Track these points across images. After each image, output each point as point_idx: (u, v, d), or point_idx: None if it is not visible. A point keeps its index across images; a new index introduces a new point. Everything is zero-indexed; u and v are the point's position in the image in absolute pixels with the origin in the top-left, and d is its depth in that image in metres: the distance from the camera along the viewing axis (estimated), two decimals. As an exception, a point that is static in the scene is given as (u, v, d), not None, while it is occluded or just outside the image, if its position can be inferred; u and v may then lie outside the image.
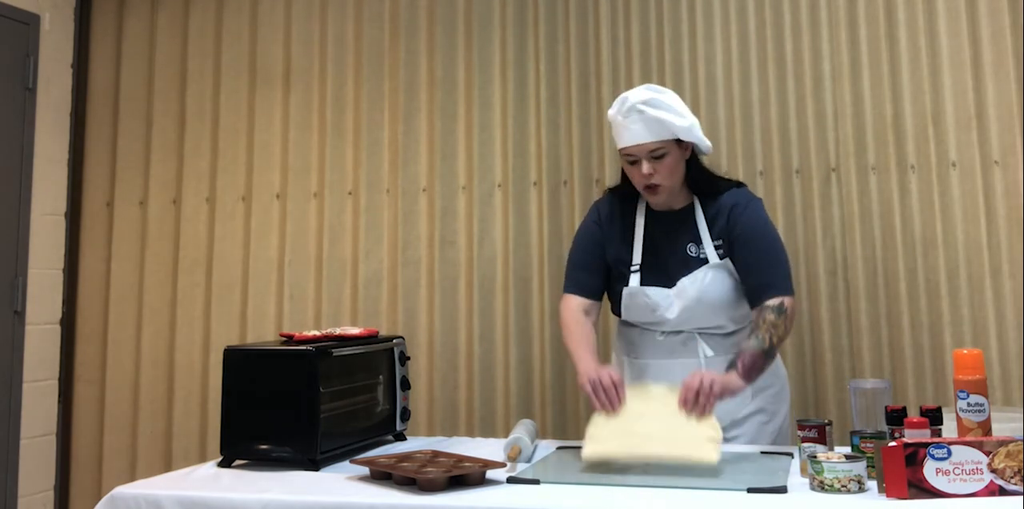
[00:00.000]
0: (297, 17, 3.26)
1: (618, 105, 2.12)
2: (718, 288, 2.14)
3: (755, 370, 1.98)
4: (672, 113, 2.08)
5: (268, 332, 3.15)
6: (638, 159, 2.10)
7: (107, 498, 1.76)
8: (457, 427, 2.97)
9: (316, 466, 1.95)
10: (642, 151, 2.09)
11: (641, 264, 2.18)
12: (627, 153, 2.12)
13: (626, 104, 2.09)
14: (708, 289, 2.13)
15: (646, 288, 2.16)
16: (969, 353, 1.75)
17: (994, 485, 1.53)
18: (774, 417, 2.23)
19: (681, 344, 2.19)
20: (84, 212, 3.38)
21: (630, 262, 2.19)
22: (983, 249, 2.66)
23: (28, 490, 3.12)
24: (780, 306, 2.04)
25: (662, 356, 2.20)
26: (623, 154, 2.14)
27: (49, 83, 3.29)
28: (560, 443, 2.24)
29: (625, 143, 2.11)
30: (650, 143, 2.08)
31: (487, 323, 2.99)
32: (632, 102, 2.08)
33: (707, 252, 2.16)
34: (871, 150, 2.77)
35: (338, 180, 3.17)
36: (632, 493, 1.65)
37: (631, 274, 2.18)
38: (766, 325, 2.02)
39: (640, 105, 2.07)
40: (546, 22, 3.05)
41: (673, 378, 2.16)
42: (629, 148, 2.10)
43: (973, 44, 2.73)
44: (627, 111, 2.09)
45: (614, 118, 2.13)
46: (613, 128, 2.16)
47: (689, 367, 2.16)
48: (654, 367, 2.21)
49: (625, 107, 2.09)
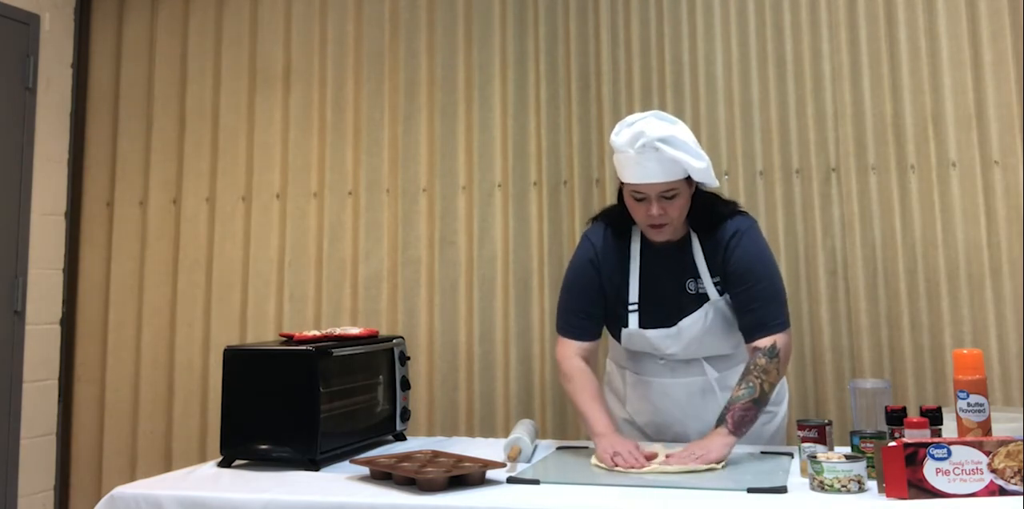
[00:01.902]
0: (297, 17, 3.26)
1: (629, 137, 1.96)
2: (720, 325, 2.09)
3: (746, 423, 1.92)
4: (690, 155, 1.95)
5: (268, 332, 3.15)
6: (647, 197, 1.98)
7: (107, 498, 1.76)
8: (457, 427, 2.96)
9: (316, 466, 1.95)
10: (653, 191, 1.97)
11: (639, 302, 2.10)
12: (636, 190, 1.99)
13: (641, 140, 1.93)
14: (711, 328, 2.08)
15: (646, 331, 2.09)
16: (969, 353, 1.75)
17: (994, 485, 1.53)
18: (773, 418, 2.23)
19: (684, 364, 2.16)
20: (84, 212, 3.38)
21: (627, 300, 2.11)
22: (983, 249, 2.66)
23: (28, 490, 3.12)
24: (772, 348, 1.98)
25: (665, 375, 2.17)
26: (630, 190, 2.00)
27: (49, 83, 3.29)
28: (560, 443, 2.24)
29: (636, 180, 1.97)
30: (663, 183, 1.96)
31: (487, 323, 2.99)
32: (650, 138, 1.93)
33: (707, 288, 2.08)
34: (871, 150, 2.77)
35: (338, 180, 3.17)
36: (632, 493, 1.65)
37: (629, 314, 2.10)
38: (757, 371, 1.96)
39: (658, 142, 1.93)
40: (546, 22, 3.05)
41: (677, 397, 2.16)
42: (640, 186, 1.97)
43: (973, 44, 2.73)
44: (642, 147, 1.94)
45: (623, 150, 1.97)
46: (620, 159, 2.00)
47: (692, 386, 2.14)
48: (657, 385, 2.18)
49: (639, 143, 1.94)
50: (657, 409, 2.19)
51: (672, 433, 2.17)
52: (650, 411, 2.20)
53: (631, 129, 1.98)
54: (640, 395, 2.21)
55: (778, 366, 1.99)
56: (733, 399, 1.94)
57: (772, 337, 2.00)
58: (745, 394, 1.94)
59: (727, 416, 1.92)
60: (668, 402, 2.17)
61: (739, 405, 1.92)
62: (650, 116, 2.01)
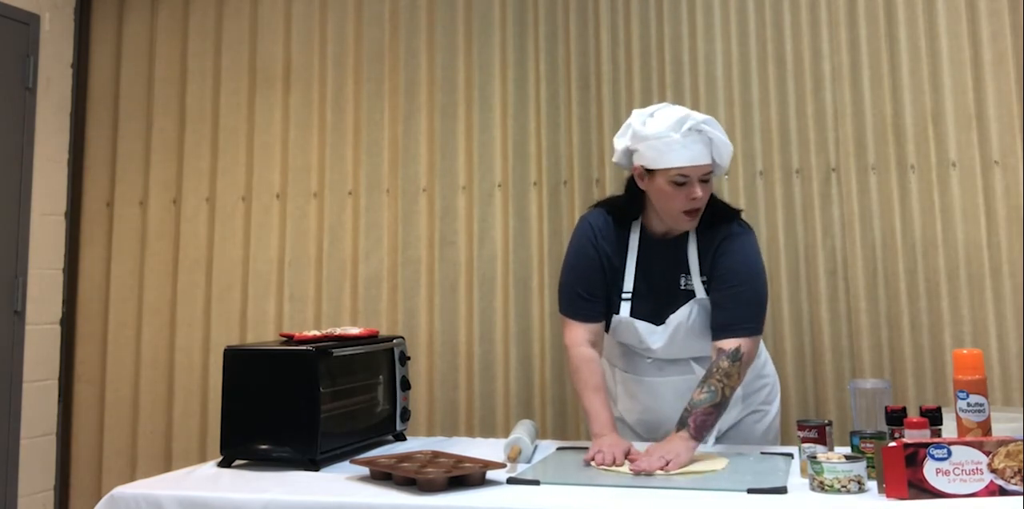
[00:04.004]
0: (297, 17, 3.26)
1: (673, 121, 1.98)
2: (702, 324, 2.09)
3: (707, 427, 1.93)
4: (725, 137, 2.02)
5: (268, 332, 3.15)
6: (689, 180, 1.98)
7: (107, 498, 1.76)
8: (457, 427, 2.96)
9: (316, 466, 1.95)
10: (698, 172, 1.98)
11: (633, 292, 2.12)
12: (681, 173, 1.97)
13: (688, 123, 1.97)
14: (695, 325, 2.09)
15: (635, 321, 2.11)
16: (969, 353, 1.75)
17: (994, 485, 1.53)
18: (766, 416, 2.24)
19: (671, 363, 2.17)
20: (84, 212, 3.38)
21: (622, 288, 2.13)
22: (983, 249, 2.66)
23: (28, 490, 3.12)
24: (736, 352, 1.98)
25: (653, 374, 2.18)
26: (674, 174, 1.98)
27: (49, 83, 3.29)
28: (560, 443, 2.24)
29: (684, 162, 1.97)
30: (707, 165, 2.00)
31: (487, 323, 2.99)
32: (696, 120, 1.98)
33: (694, 285, 2.09)
34: (871, 150, 2.77)
35: (338, 180, 3.17)
36: (632, 493, 1.65)
37: (622, 302, 2.12)
38: (719, 374, 1.96)
39: (701, 124, 1.98)
40: (546, 22, 3.05)
41: (665, 396, 2.17)
42: (686, 168, 1.97)
43: (973, 44, 2.73)
44: (688, 130, 1.97)
45: (665, 135, 1.98)
46: (658, 145, 1.98)
47: (680, 384, 2.14)
48: (646, 384, 2.19)
49: (686, 126, 1.97)
50: (646, 407, 2.20)
51: (662, 432, 2.17)
52: (639, 410, 2.21)
53: (667, 114, 2.01)
54: (630, 394, 2.22)
55: (739, 370, 1.98)
56: (695, 403, 1.94)
57: (738, 340, 1.99)
58: (707, 398, 1.93)
59: (689, 420, 1.92)
60: (657, 401, 2.17)
61: (700, 410, 1.92)
62: (667, 105, 2.06)
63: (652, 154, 2.00)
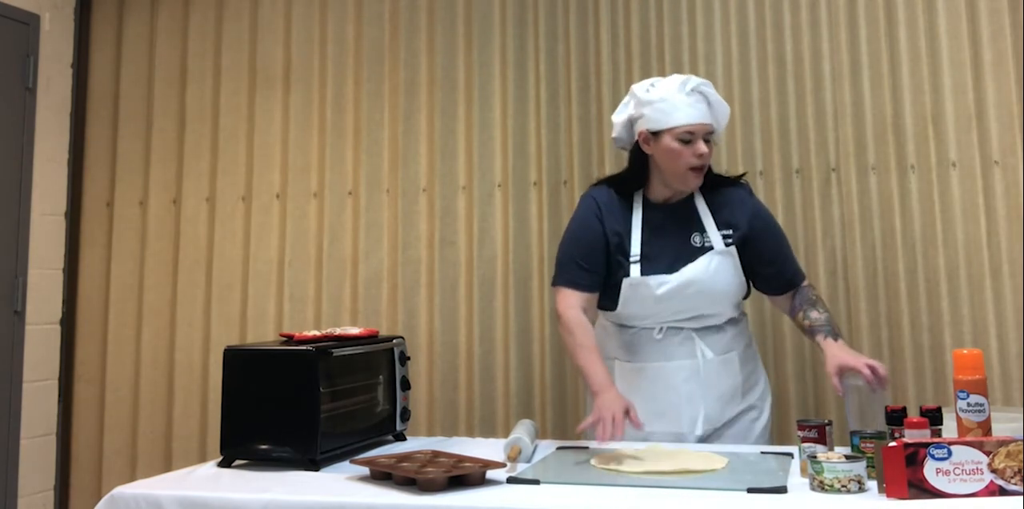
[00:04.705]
0: (297, 18, 3.26)
1: (677, 84, 2.12)
2: (723, 276, 2.15)
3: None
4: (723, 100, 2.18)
5: (268, 332, 3.15)
6: (694, 138, 2.11)
7: (107, 498, 1.76)
8: (457, 427, 2.96)
9: (316, 466, 1.95)
10: (702, 130, 2.11)
11: (641, 255, 2.17)
12: (687, 131, 2.10)
13: (690, 84, 2.12)
14: (714, 277, 2.14)
15: (648, 278, 2.15)
16: (969, 353, 1.75)
17: (994, 485, 1.53)
18: (762, 414, 2.25)
19: (679, 345, 2.19)
20: (84, 212, 3.38)
21: (629, 253, 2.18)
22: (983, 249, 2.66)
23: (28, 490, 3.12)
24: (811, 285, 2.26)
25: (659, 358, 2.19)
26: (680, 132, 2.10)
27: (49, 83, 3.29)
28: (560, 443, 2.24)
29: (689, 120, 2.10)
30: (710, 124, 2.13)
31: (487, 323, 2.99)
32: (697, 82, 2.13)
33: (712, 240, 2.17)
34: (871, 150, 2.77)
35: (338, 180, 3.17)
36: (632, 493, 1.65)
37: (631, 264, 2.17)
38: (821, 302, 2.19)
39: (703, 86, 2.14)
40: (546, 22, 3.05)
41: (671, 381, 2.17)
42: (692, 126, 2.10)
43: (973, 44, 2.73)
44: (691, 91, 2.12)
45: (670, 96, 2.11)
46: (664, 106, 2.12)
47: (686, 369, 2.16)
48: (651, 370, 2.20)
49: (688, 87, 2.12)
50: (650, 396, 2.19)
51: (665, 420, 2.17)
52: (643, 400, 2.19)
53: (669, 80, 2.16)
54: (633, 385, 2.21)
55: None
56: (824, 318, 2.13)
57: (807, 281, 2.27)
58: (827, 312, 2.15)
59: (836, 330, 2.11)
60: (662, 387, 2.18)
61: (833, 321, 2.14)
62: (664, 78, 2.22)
63: (658, 116, 2.12)
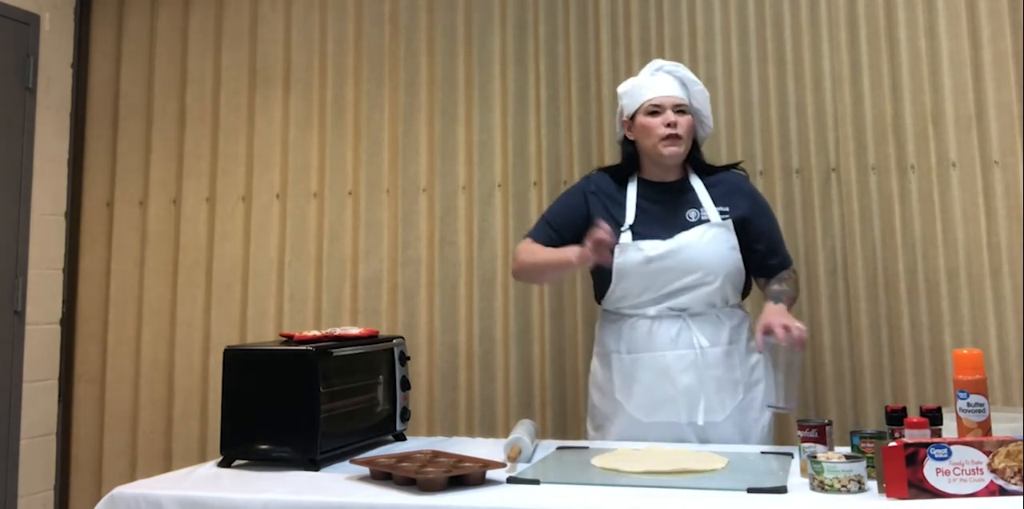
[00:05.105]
0: (297, 17, 3.26)
1: (647, 69, 2.30)
2: (718, 247, 2.18)
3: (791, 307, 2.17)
4: (697, 80, 2.29)
5: (268, 332, 3.15)
6: (662, 109, 2.21)
7: (107, 498, 1.76)
8: (457, 427, 2.96)
9: (316, 466, 1.95)
10: (669, 102, 2.22)
11: (633, 226, 2.22)
12: (653, 104, 2.22)
13: (655, 66, 2.29)
14: (708, 246, 2.17)
15: (639, 241, 2.19)
16: (969, 353, 1.75)
17: (994, 485, 1.53)
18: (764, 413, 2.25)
19: (676, 335, 2.19)
20: (84, 212, 3.38)
21: (622, 224, 2.22)
22: (983, 249, 2.66)
23: (28, 490, 3.12)
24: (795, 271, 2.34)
25: (656, 348, 2.20)
26: (647, 105, 2.22)
27: (49, 83, 3.29)
28: (560, 443, 2.24)
29: (654, 94, 2.23)
30: (677, 97, 2.23)
31: (487, 323, 2.99)
32: (660, 64, 2.29)
33: (709, 214, 2.21)
34: (871, 150, 2.77)
35: (338, 180, 3.17)
36: (632, 493, 1.65)
37: (622, 233, 2.21)
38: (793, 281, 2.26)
39: (669, 66, 2.29)
40: (546, 22, 3.05)
41: (667, 371, 2.18)
42: (657, 98, 2.22)
43: (973, 44, 2.73)
44: (656, 70, 2.28)
45: (640, 79, 2.29)
46: (634, 89, 2.27)
47: (684, 359, 2.17)
48: (646, 360, 2.20)
49: (654, 67, 2.29)
50: (648, 386, 2.19)
51: (665, 411, 2.17)
52: (641, 391, 2.20)
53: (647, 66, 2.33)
54: (631, 376, 2.22)
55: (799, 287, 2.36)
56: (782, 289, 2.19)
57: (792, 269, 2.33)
58: (788, 288, 2.21)
59: (783, 297, 2.15)
60: (659, 376, 2.18)
61: (788, 294, 2.18)
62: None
63: (630, 100, 2.28)
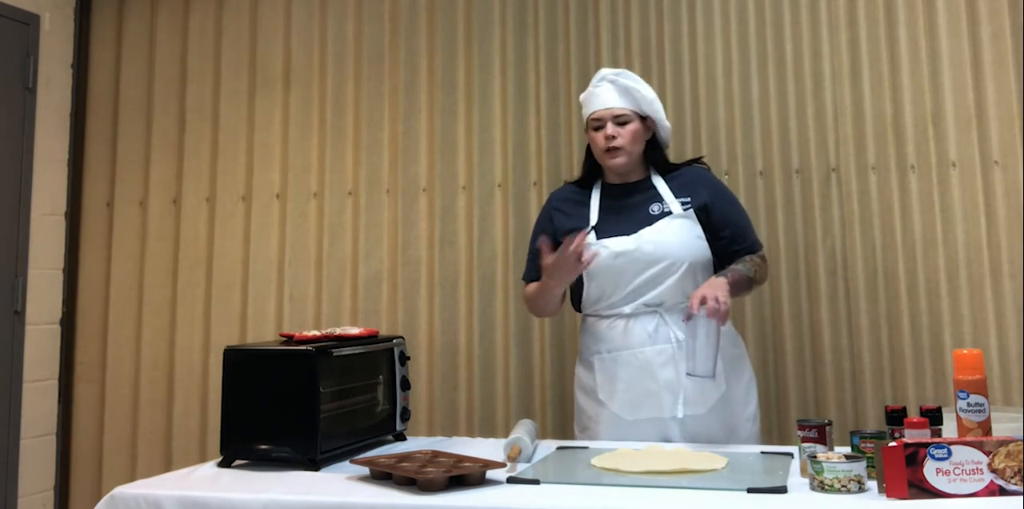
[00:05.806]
0: (297, 17, 3.26)
1: (592, 80, 2.34)
2: (682, 237, 2.21)
3: (740, 287, 2.17)
4: (640, 85, 2.29)
5: (268, 332, 3.15)
6: (603, 124, 2.26)
7: (107, 498, 1.76)
8: (457, 427, 2.96)
9: (316, 466, 1.95)
10: (608, 115, 2.26)
11: (597, 226, 2.25)
12: (594, 119, 2.28)
13: (599, 75, 2.32)
14: (673, 236, 2.20)
15: (604, 240, 2.22)
16: (969, 353, 1.75)
17: (994, 485, 1.53)
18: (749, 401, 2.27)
19: (654, 331, 2.20)
20: (84, 212, 3.38)
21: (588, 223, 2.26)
22: (983, 249, 2.66)
23: (28, 490, 3.12)
24: (764, 257, 2.32)
25: (633, 345, 2.21)
26: (590, 121, 2.29)
27: (49, 83, 3.29)
28: (560, 443, 2.24)
29: (594, 108, 2.28)
30: (617, 108, 2.26)
31: (487, 323, 2.99)
32: (604, 73, 2.32)
33: (670, 207, 2.24)
34: (871, 150, 2.77)
35: (338, 180, 3.17)
36: (632, 493, 1.65)
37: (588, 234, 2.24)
38: (754, 259, 2.25)
39: (611, 75, 2.30)
40: (546, 22, 3.05)
41: (648, 367, 2.19)
42: (597, 112, 2.27)
43: (973, 44, 2.73)
44: (598, 80, 2.31)
45: (587, 91, 2.33)
46: (585, 103, 2.34)
47: (663, 354, 2.18)
48: (626, 357, 2.21)
49: (597, 77, 2.32)
50: (629, 384, 2.20)
51: (648, 406, 2.17)
52: (623, 389, 2.21)
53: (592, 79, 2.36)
54: (613, 375, 2.23)
55: (766, 269, 2.32)
56: (733, 268, 2.19)
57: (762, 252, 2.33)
58: (742, 268, 2.20)
59: (727, 274, 2.14)
60: (640, 372, 2.19)
61: (736, 271, 2.18)
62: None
63: (583, 112, 2.35)
